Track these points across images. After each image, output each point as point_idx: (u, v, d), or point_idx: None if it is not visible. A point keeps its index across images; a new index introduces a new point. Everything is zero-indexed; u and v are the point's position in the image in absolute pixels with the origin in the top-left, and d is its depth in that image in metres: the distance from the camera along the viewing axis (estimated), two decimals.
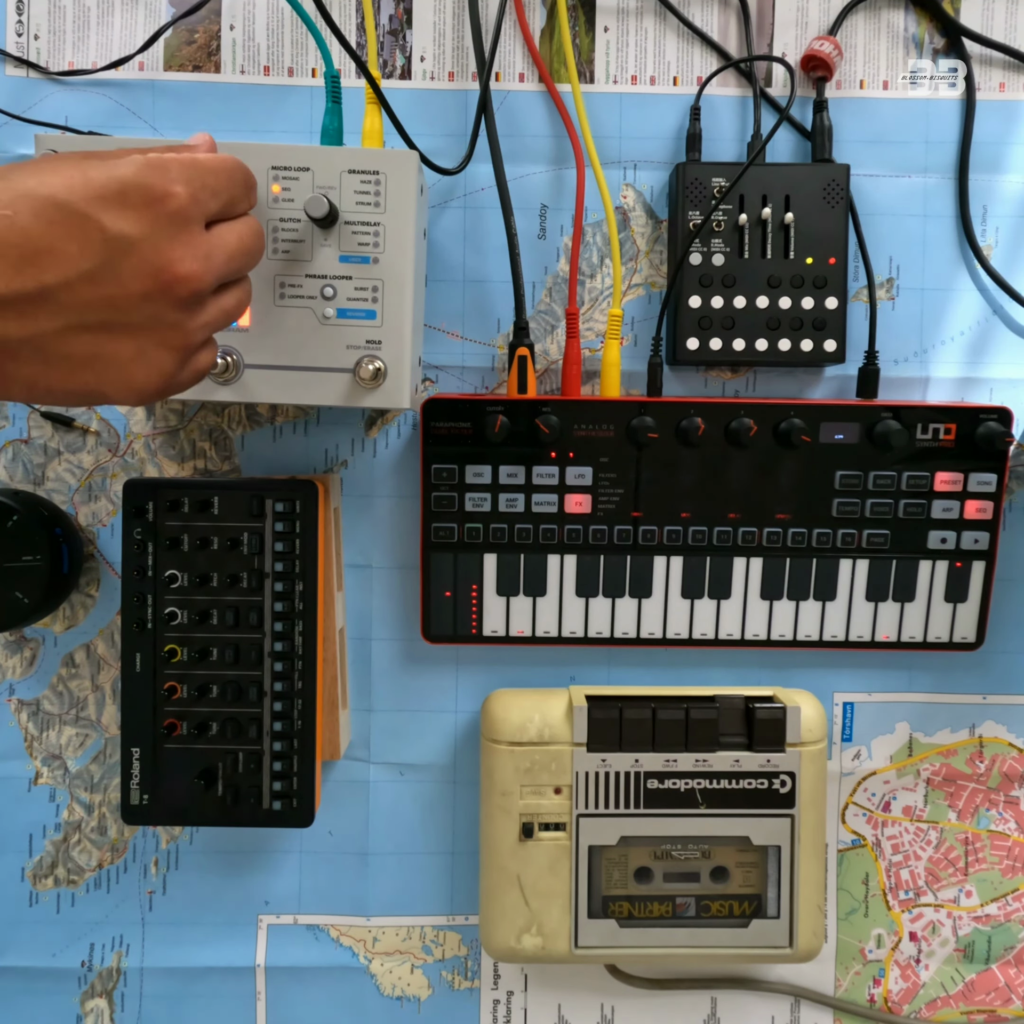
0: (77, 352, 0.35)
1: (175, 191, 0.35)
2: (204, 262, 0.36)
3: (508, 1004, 0.62)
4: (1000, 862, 0.62)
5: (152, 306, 0.35)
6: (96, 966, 0.61)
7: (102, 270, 0.34)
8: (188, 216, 0.36)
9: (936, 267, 0.59)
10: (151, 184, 0.35)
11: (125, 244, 0.34)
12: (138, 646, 0.54)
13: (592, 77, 0.59)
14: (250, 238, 0.40)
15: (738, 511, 0.57)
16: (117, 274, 0.34)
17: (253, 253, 0.40)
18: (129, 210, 0.34)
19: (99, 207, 0.33)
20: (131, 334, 0.35)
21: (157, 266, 0.35)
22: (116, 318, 0.35)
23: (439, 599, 0.58)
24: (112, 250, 0.34)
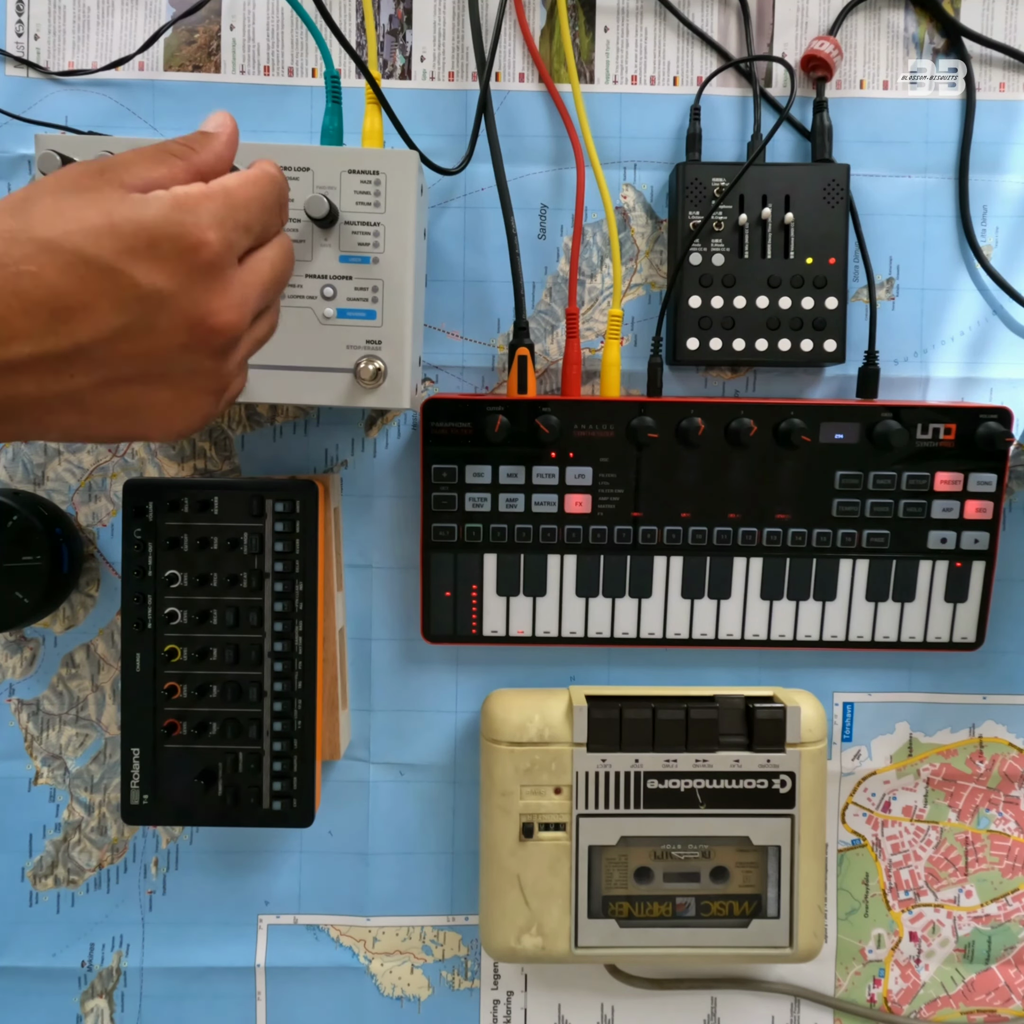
0: (114, 404, 0.34)
1: (208, 240, 0.33)
2: (240, 310, 0.35)
3: (508, 1004, 0.62)
4: (1000, 862, 0.62)
5: (189, 357, 0.34)
6: (96, 966, 0.61)
7: (137, 325, 0.32)
8: (223, 264, 0.34)
9: (936, 267, 0.59)
10: (182, 234, 0.33)
11: (159, 298, 0.32)
12: (138, 646, 0.54)
13: (592, 77, 0.59)
14: (283, 263, 0.38)
15: (738, 511, 0.57)
16: (152, 328, 0.33)
17: (286, 278, 0.39)
18: (161, 262, 0.32)
19: (130, 261, 0.32)
20: (169, 383, 0.34)
21: (194, 320, 0.33)
22: (153, 369, 0.34)
23: (439, 599, 0.58)
24: (146, 305, 0.32)
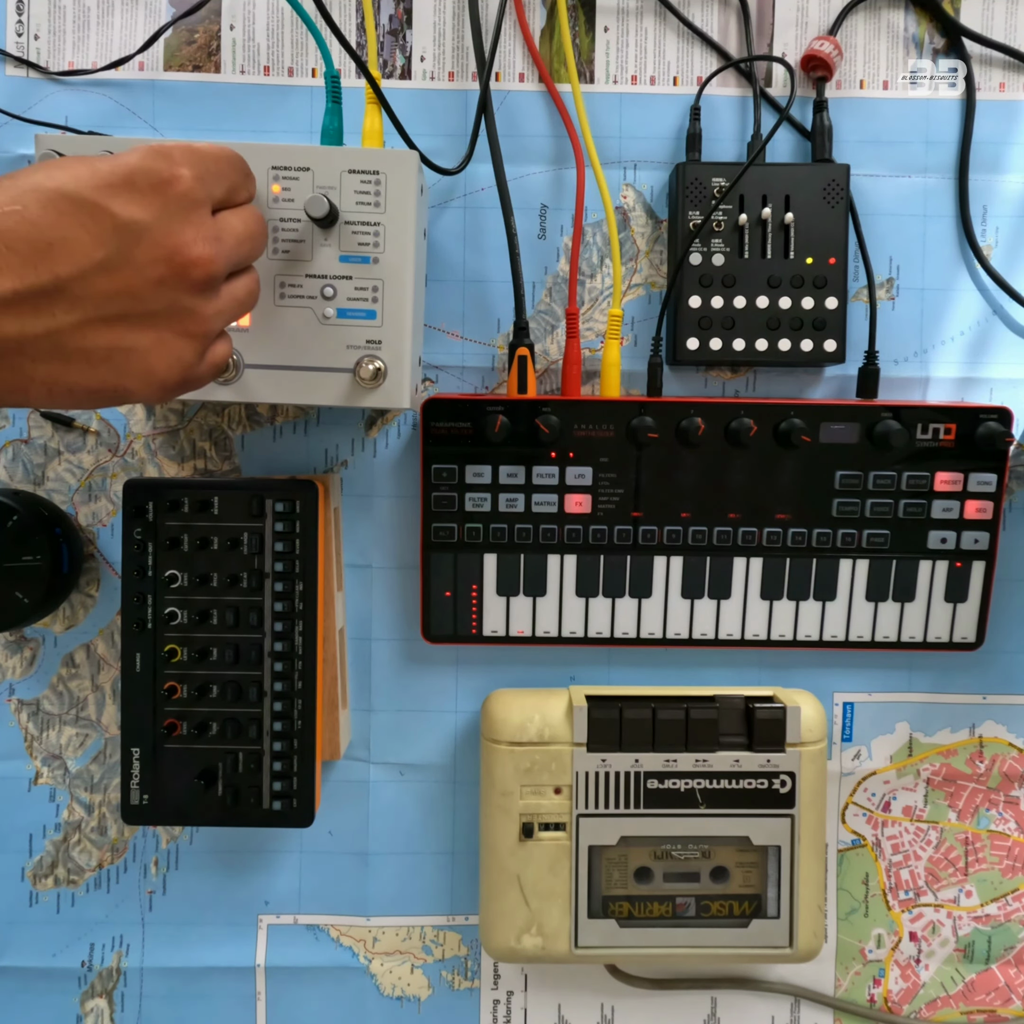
0: (96, 345, 0.34)
1: (181, 173, 0.35)
2: (215, 244, 0.36)
3: (508, 1004, 0.62)
4: (1000, 862, 0.62)
5: (168, 292, 0.35)
6: (96, 966, 0.61)
7: (116, 258, 0.34)
8: (195, 199, 0.36)
9: (936, 267, 0.59)
10: (157, 168, 0.35)
11: (137, 230, 0.34)
12: (138, 646, 0.54)
13: (592, 77, 0.59)
14: (255, 224, 0.40)
15: (738, 511, 0.57)
16: (131, 261, 0.34)
17: (258, 239, 0.41)
18: (137, 195, 0.34)
19: (108, 195, 0.33)
20: (149, 323, 0.35)
21: (170, 250, 0.35)
22: (133, 308, 0.35)
23: (439, 599, 0.58)
24: (124, 237, 0.34)
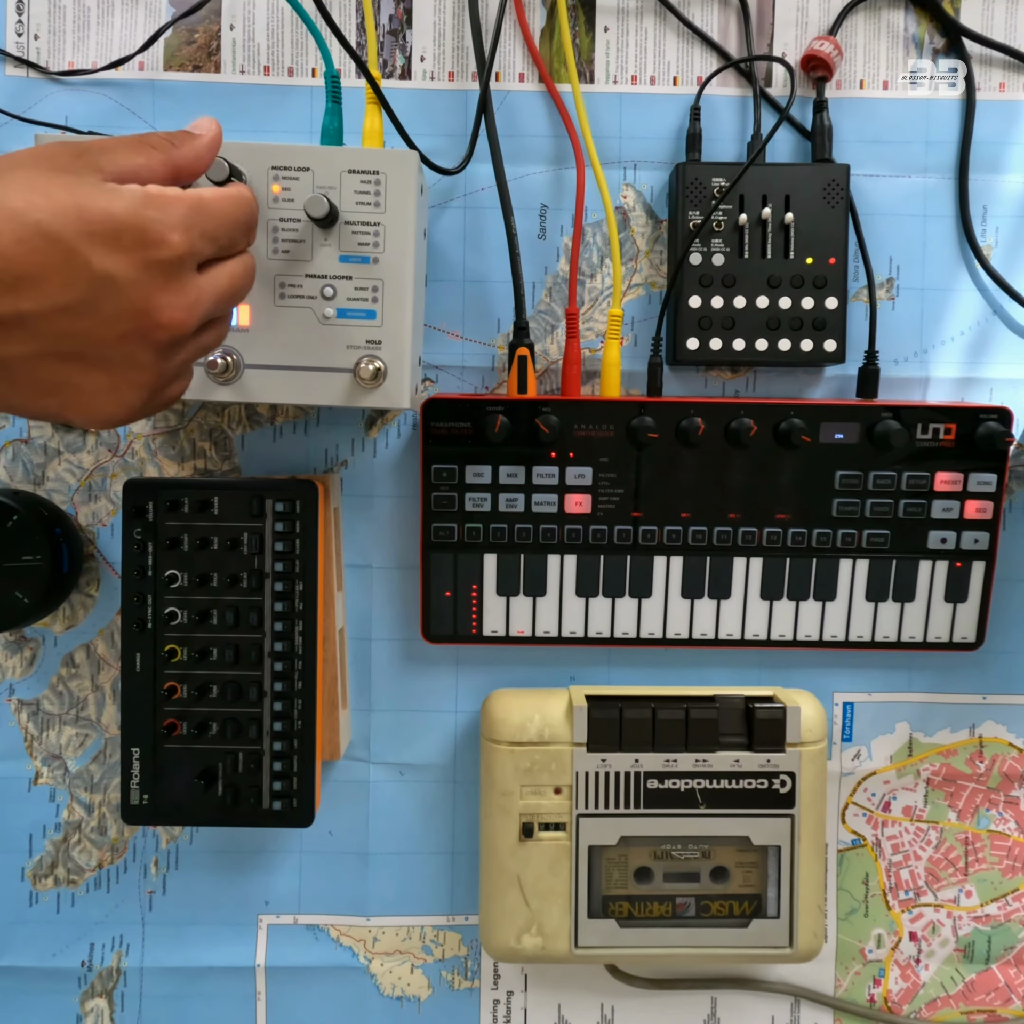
0: (45, 378, 0.34)
1: (171, 240, 0.34)
2: (188, 311, 0.35)
3: (508, 1004, 0.62)
4: (1000, 862, 0.62)
5: (129, 347, 0.35)
6: (96, 966, 0.61)
7: (82, 305, 0.33)
8: (181, 264, 0.35)
9: (936, 267, 0.59)
10: (147, 228, 0.33)
11: (110, 284, 0.33)
12: (138, 646, 0.54)
13: (592, 77, 0.59)
14: (242, 279, 0.39)
15: (738, 511, 0.57)
16: (97, 311, 0.33)
17: (243, 293, 0.40)
18: (120, 251, 0.33)
19: (88, 243, 0.32)
20: (103, 368, 0.35)
21: (140, 311, 0.34)
22: (90, 351, 0.34)
23: (439, 599, 0.58)
24: (96, 288, 0.33)
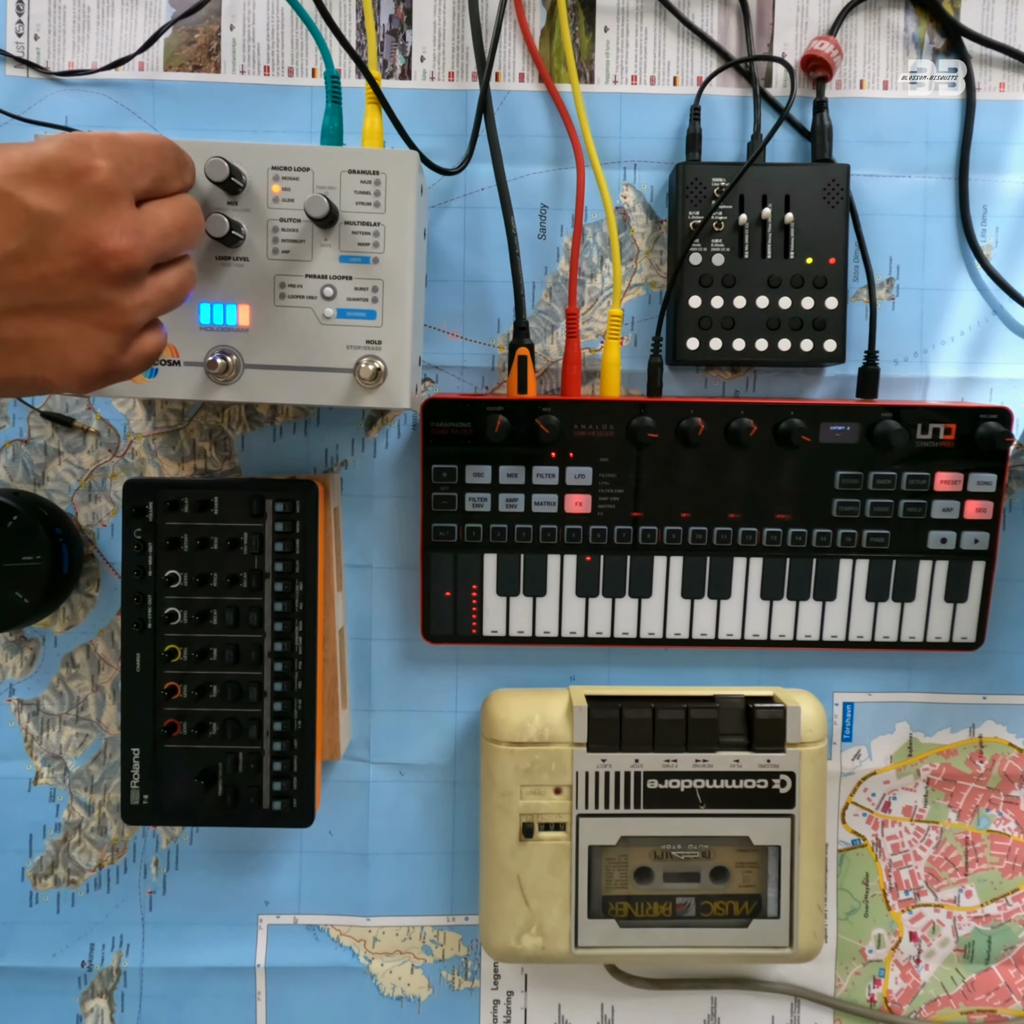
0: (10, 337, 0.34)
1: (97, 164, 0.34)
2: (134, 237, 0.35)
3: (508, 1004, 0.62)
4: (1000, 862, 0.62)
5: (85, 284, 0.34)
6: (96, 966, 0.61)
7: (29, 249, 0.33)
8: (113, 190, 0.35)
9: (936, 267, 0.59)
10: (72, 158, 0.34)
11: (50, 221, 0.33)
12: (138, 646, 0.54)
13: (592, 77, 0.59)
14: (185, 214, 0.39)
15: (738, 511, 0.57)
16: (45, 252, 0.33)
17: (189, 230, 0.39)
18: (51, 186, 0.33)
19: (19, 184, 0.33)
20: (66, 314, 0.34)
21: (86, 241, 0.34)
22: (49, 298, 0.34)
23: (439, 599, 0.58)
24: (37, 228, 0.33)
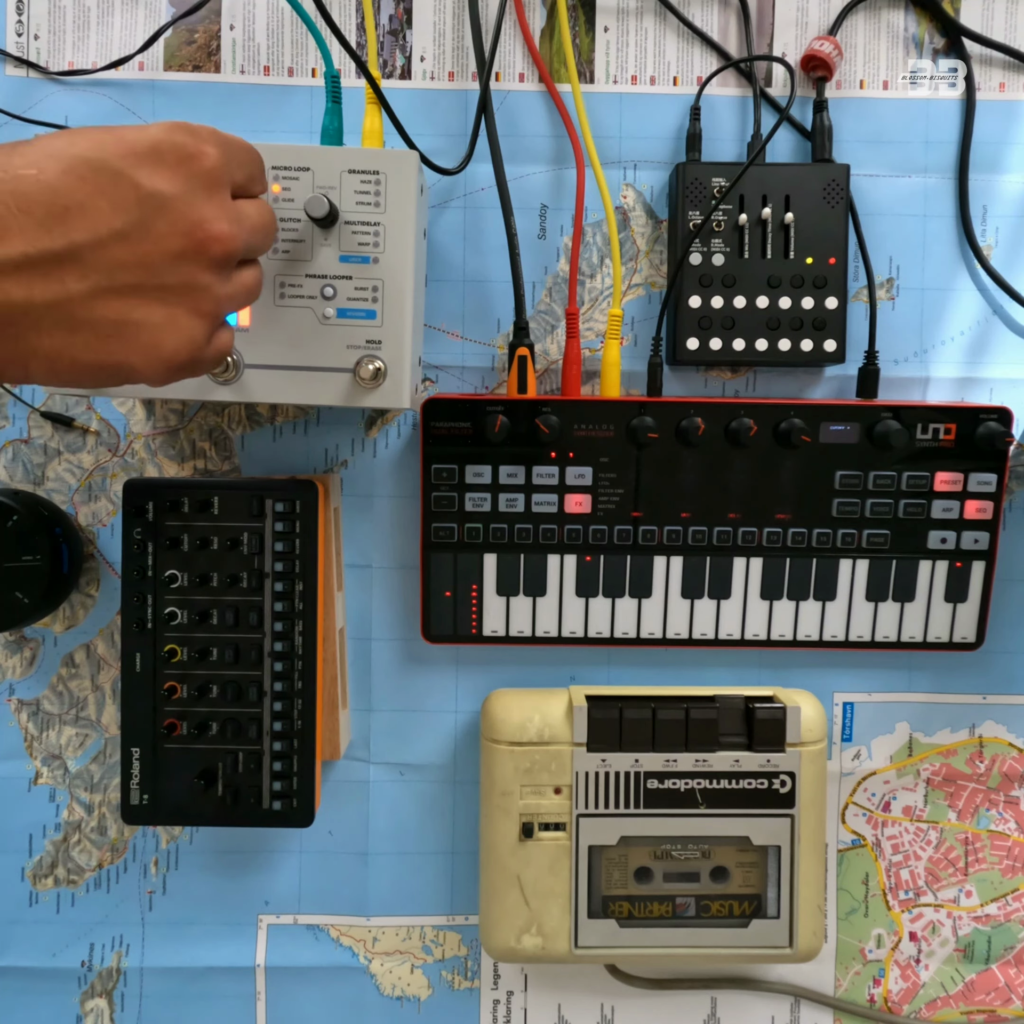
0: (105, 317, 0.33)
1: (207, 151, 0.35)
2: (235, 224, 0.36)
3: (508, 1004, 0.62)
4: (1000, 862, 0.62)
5: (185, 266, 0.35)
6: (96, 966, 0.61)
7: (135, 228, 0.33)
8: (219, 178, 0.36)
9: (936, 267, 0.59)
10: (184, 143, 0.34)
11: (159, 201, 0.33)
12: (138, 646, 0.54)
13: (592, 77, 0.59)
14: (268, 215, 0.40)
15: (738, 511, 0.57)
16: (150, 232, 0.33)
17: (270, 230, 0.41)
18: (163, 167, 0.34)
19: (132, 164, 0.33)
20: (161, 298, 0.35)
21: (192, 223, 0.34)
22: (147, 280, 0.34)
23: (439, 599, 0.58)
24: (146, 208, 0.33)
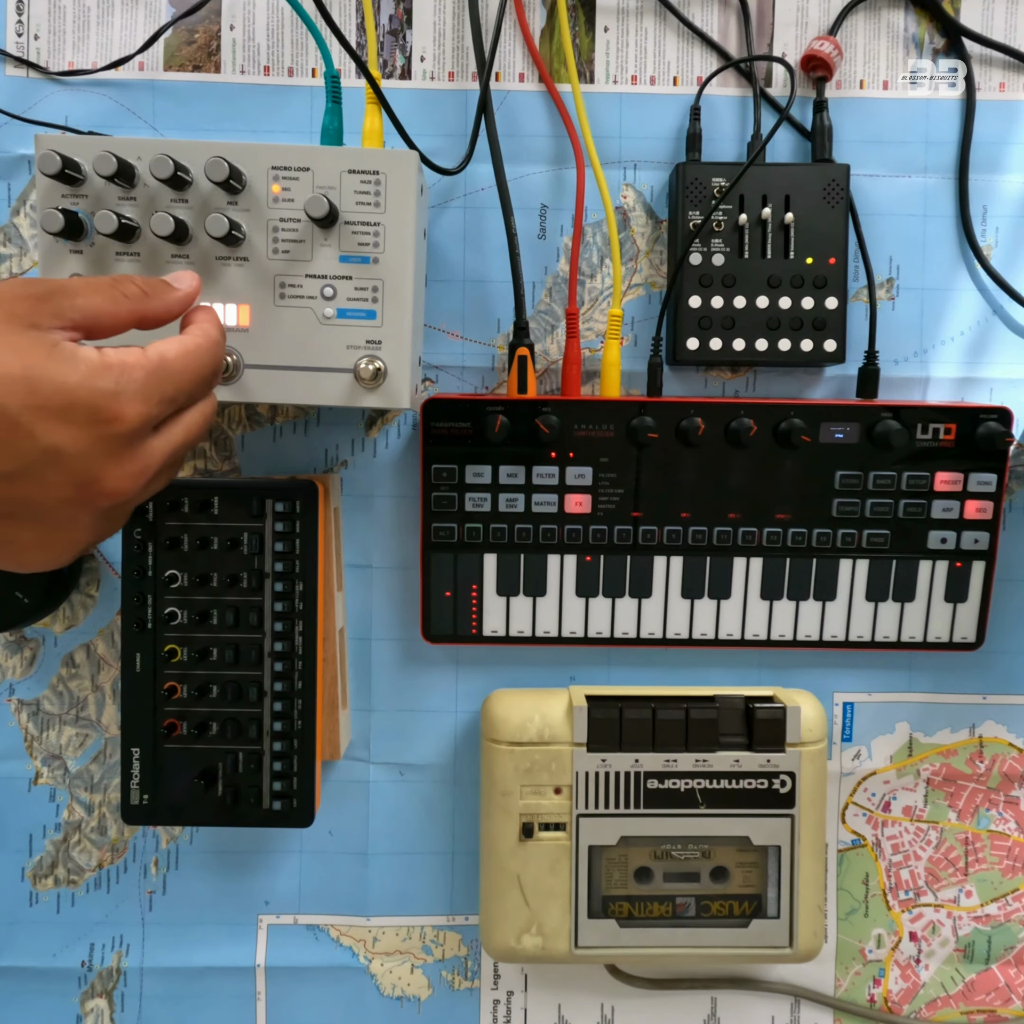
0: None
1: (126, 414, 0.33)
2: (135, 479, 0.34)
3: (508, 1004, 0.62)
4: (1000, 862, 0.62)
5: (69, 511, 0.33)
6: (96, 966, 0.61)
7: (23, 474, 0.32)
8: (133, 437, 0.34)
9: (936, 267, 0.59)
10: (101, 405, 0.32)
11: (55, 456, 0.32)
12: (138, 646, 0.54)
13: (592, 77, 0.59)
14: (199, 427, 0.38)
15: (738, 511, 0.57)
16: (38, 480, 0.32)
17: (201, 438, 0.39)
18: (70, 425, 0.32)
19: (35, 417, 0.31)
20: (36, 526, 0.33)
21: (84, 480, 0.33)
22: (24, 512, 0.33)
23: (439, 599, 0.58)
24: (40, 460, 0.32)
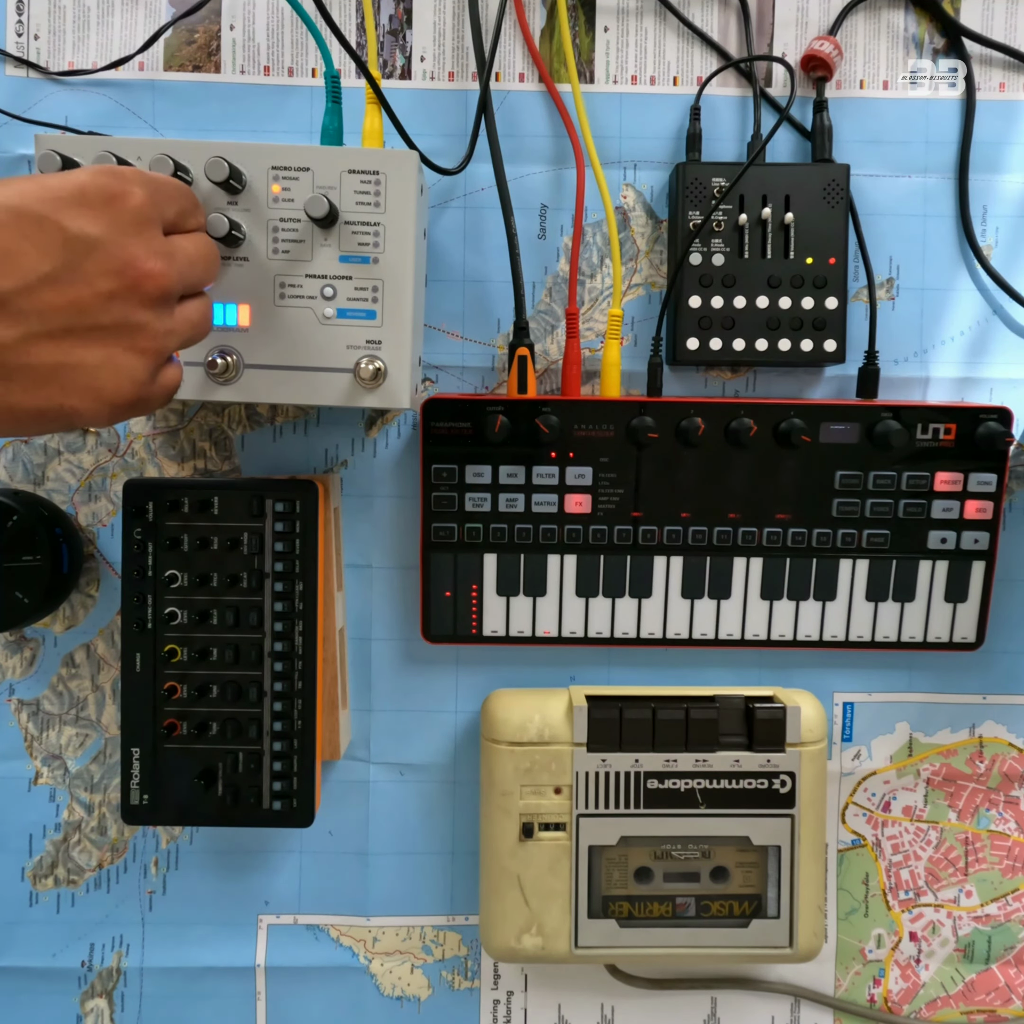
0: (40, 362, 0.33)
1: (133, 190, 0.35)
2: (168, 261, 0.36)
3: (508, 1004, 0.62)
4: (1000, 862, 0.62)
5: (119, 306, 0.34)
6: (96, 966, 0.61)
7: (64, 271, 0.33)
8: (147, 216, 0.35)
9: (936, 267, 0.59)
10: (109, 184, 0.34)
11: (87, 243, 0.33)
12: (138, 646, 0.54)
13: (592, 77, 0.59)
14: (206, 247, 0.40)
15: (738, 511, 0.57)
16: (80, 274, 0.33)
17: (211, 262, 0.40)
18: (88, 209, 0.33)
19: (56, 207, 0.33)
20: (98, 339, 0.34)
21: (122, 263, 0.34)
22: (81, 322, 0.33)
23: (439, 599, 0.58)
24: (74, 250, 0.33)
